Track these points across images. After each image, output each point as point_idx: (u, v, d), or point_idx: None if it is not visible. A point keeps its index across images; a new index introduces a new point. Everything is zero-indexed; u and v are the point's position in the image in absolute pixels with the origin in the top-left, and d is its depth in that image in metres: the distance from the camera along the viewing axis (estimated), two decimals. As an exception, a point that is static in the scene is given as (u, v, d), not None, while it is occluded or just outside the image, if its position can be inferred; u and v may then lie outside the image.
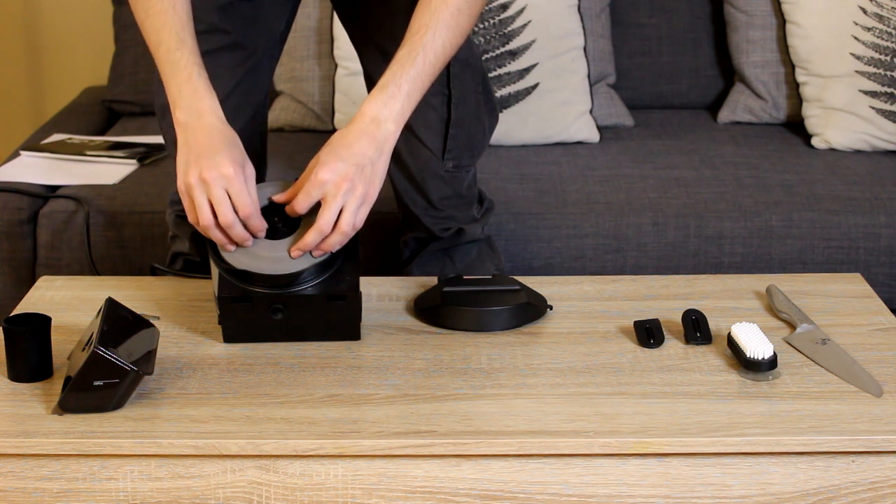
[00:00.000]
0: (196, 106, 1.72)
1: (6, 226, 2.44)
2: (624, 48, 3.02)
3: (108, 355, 1.49)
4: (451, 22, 1.76)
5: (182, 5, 1.77)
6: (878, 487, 1.49)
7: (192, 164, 1.67)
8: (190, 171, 1.67)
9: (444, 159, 2.04)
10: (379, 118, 1.71)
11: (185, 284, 1.90)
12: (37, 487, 1.48)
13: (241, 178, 1.66)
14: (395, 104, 1.71)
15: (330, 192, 1.66)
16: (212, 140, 1.68)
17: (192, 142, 1.69)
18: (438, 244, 2.15)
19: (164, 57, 1.75)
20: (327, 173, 1.67)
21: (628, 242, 2.44)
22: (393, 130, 1.71)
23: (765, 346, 1.60)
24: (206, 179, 1.65)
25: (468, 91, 2.02)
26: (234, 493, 1.48)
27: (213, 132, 1.70)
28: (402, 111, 1.72)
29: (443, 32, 1.75)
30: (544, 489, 1.49)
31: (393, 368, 1.64)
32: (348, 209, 1.66)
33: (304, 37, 2.89)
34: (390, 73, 1.73)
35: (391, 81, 1.72)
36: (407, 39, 1.75)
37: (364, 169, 1.68)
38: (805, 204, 2.47)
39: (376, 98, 1.72)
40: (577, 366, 1.65)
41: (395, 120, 1.71)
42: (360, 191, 1.67)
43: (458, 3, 1.76)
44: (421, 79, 1.74)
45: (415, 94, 1.74)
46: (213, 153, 1.66)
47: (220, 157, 1.66)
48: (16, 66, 3.40)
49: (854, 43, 2.78)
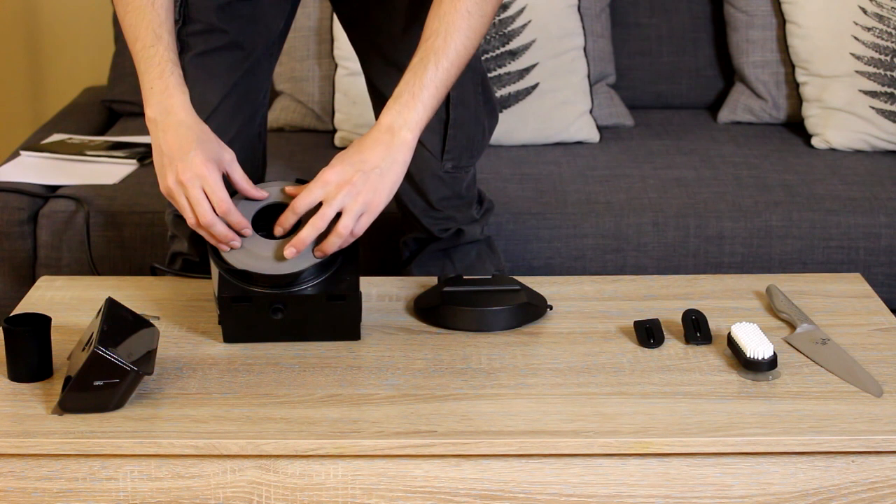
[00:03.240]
0: (165, 103, 1.72)
1: (6, 226, 2.44)
2: (624, 48, 3.02)
3: (108, 355, 1.49)
4: (462, 25, 1.74)
5: (162, 2, 1.77)
6: (878, 487, 1.49)
7: (167, 166, 1.68)
8: (167, 175, 1.68)
9: (443, 160, 2.04)
10: (393, 127, 1.70)
11: (185, 284, 1.90)
12: (37, 487, 1.48)
13: (215, 176, 1.66)
14: (409, 113, 1.70)
15: (331, 193, 1.66)
16: (182, 139, 1.68)
17: (162, 143, 1.70)
18: (438, 245, 2.15)
19: (139, 53, 1.76)
20: (331, 175, 1.66)
21: (628, 242, 2.44)
22: (409, 139, 1.70)
23: (765, 346, 1.60)
24: (182, 181, 1.66)
25: (467, 92, 2.02)
26: (234, 493, 1.48)
27: (181, 130, 1.69)
28: (418, 119, 1.71)
29: (455, 37, 1.73)
30: (544, 489, 1.49)
31: (393, 368, 1.64)
32: (348, 213, 1.65)
33: (304, 37, 2.89)
34: (404, 83, 1.72)
35: (405, 90, 1.71)
36: (420, 46, 1.74)
37: (370, 176, 1.67)
38: (805, 204, 2.47)
39: (391, 108, 1.71)
40: (577, 366, 1.65)
41: (410, 129, 1.70)
42: (364, 198, 1.66)
43: (468, 6, 1.74)
44: (435, 85, 1.72)
45: (430, 102, 1.72)
46: (185, 153, 1.67)
47: (192, 157, 1.66)
48: (16, 66, 3.40)
49: (854, 43, 2.78)
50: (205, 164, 1.66)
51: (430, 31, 1.74)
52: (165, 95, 1.72)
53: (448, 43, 1.73)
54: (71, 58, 3.40)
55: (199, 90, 1.90)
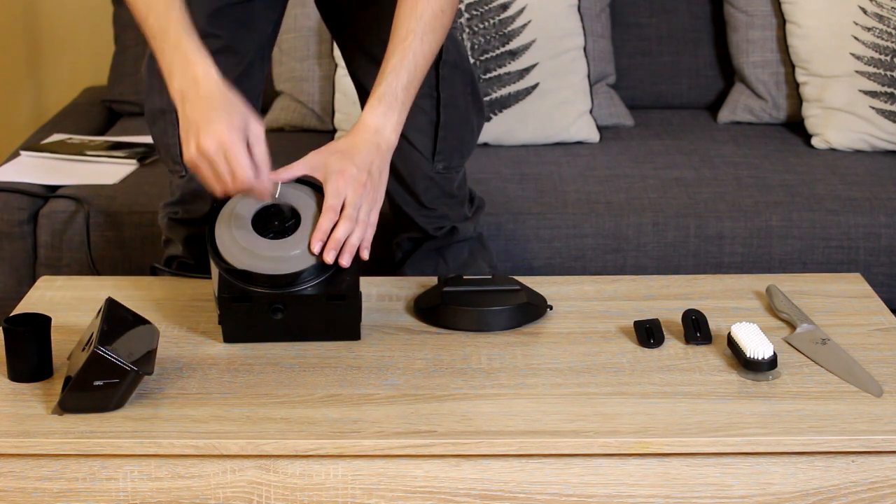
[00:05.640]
0: (190, 73, 1.69)
1: (6, 226, 2.44)
2: (624, 48, 3.02)
3: (108, 355, 1.49)
4: (436, 24, 1.80)
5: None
6: (878, 487, 1.49)
7: (192, 136, 1.65)
8: (190, 143, 1.65)
9: (434, 161, 2.05)
10: (381, 128, 1.76)
11: (184, 284, 1.90)
12: (37, 487, 1.48)
13: (238, 146, 1.64)
14: (393, 115, 1.77)
15: (349, 196, 1.70)
16: (208, 109, 1.66)
17: (189, 114, 1.67)
18: (432, 243, 2.15)
19: (153, 25, 1.72)
20: (343, 184, 1.70)
21: (628, 242, 2.44)
22: (394, 140, 1.77)
23: (765, 346, 1.60)
24: (205, 151, 1.63)
25: (457, 93, 2.03)
26: (234, 493, 1.48)
27: (209, 99, 1.67)
28: (400, 120, 1.78)
29: (429, 36, 1.79)
30: (544, 489, 1.49)
31: (393, 368, 1.64)
32: (363, 211, 1.71)
33: (304, 37, 2.89)
34: (386, 84, 1.77)
35: (388, 92, 1.76)
36: (396, 45, 1.78)
37: (373, 175, 1.73)
38: (805, 204, 2.47)
39: (375, 109, 1.76)
40: (577, 366, 1.65)
41: (395, 130, 1.77)
42: (372, 195, 1.72)
43: (442, 5, 1.79)
44: (413, 86, 1.79)
45: (408, 102, 1.79)
46: (209, 122, 1.64)
47: (217, 125, 1.64)
48: (16, 66, 3.40)
49: (854, 43, 2.78)
50: (229, 131, 1.64)
51: (407, 29, 1.78)
52: (189, 65, 1.69)
53: (424, 44, 1.78)
54: (71, 58, 3.40)
55: None
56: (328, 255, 1.68)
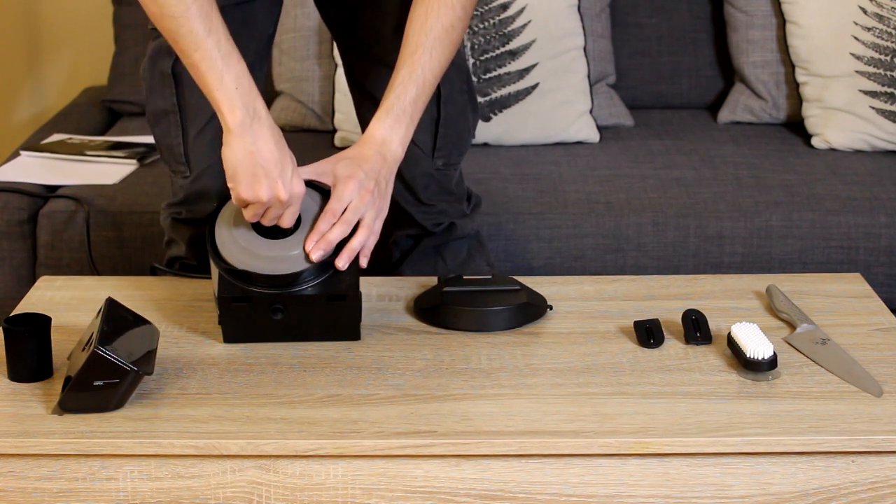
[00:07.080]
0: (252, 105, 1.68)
1: (6, 226, 2.44)
2: (624, 48, 3.02)
3: (108, 355, 1.49)
4: (445, 39, 1.81)
5: None
6: (878, 487, 1.49)
7: (262, 178, 1.65)
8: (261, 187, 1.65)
9: (434, 158, 2.06)
10: (388, 140, 1.78)
11: (184, 284, 1.90)
12: (37, 487, 1.48)
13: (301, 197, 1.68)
14: (401, 128, 1.79)
15: (354, 202, 1.71)
16: (277, 150, 1.67)
17: (256, 152, 1.66)
18: (431, 241, 2.15)
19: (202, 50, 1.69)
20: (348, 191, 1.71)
21: (628, 242, 2.44)
22: (400, 153, 1.79)
23: (765, 346, 1.60)
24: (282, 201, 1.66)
25: (456, 90, 2.04)
26: (234, 493, 1.48)
27: (275, 139, 1.68)
28: (407, 134, 1.80)
29: (438, 51, 1.81)
30: (544, 489, 1.49)
31: (393, 368, 1.64)
32: (368, 217, 1.72)
33: (304, 37, 2.89)
34: (394, 96, 1.78)
35: (395, 104, 1.78)
36: (406, 59, 1.79)
37: (380, 184, 1.75)
38: (805, 204, 2.47)
39: (384, 121, 1.78)
40: (577, 366, 1.65)
41: (401, 143, 1.79)
42: (378, 203, 1.74)
43: (451, 19, 1.81)
44: (422, 100, 1.80)
45: (416, 116, 1.80)
46: (284, 169, 1.66)
47: (293, 177, 1.67)
48: (16, 66, 3.40)
49: (854, 43, 2.78)
50: (300, 184, 1.67)
51: (417, 43, 1.80)
52: (251, 96, 1.69)
53: (434, 57, 1.80)
54: (71, 58, 3.40)
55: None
56: (314, 254, 1.68)
